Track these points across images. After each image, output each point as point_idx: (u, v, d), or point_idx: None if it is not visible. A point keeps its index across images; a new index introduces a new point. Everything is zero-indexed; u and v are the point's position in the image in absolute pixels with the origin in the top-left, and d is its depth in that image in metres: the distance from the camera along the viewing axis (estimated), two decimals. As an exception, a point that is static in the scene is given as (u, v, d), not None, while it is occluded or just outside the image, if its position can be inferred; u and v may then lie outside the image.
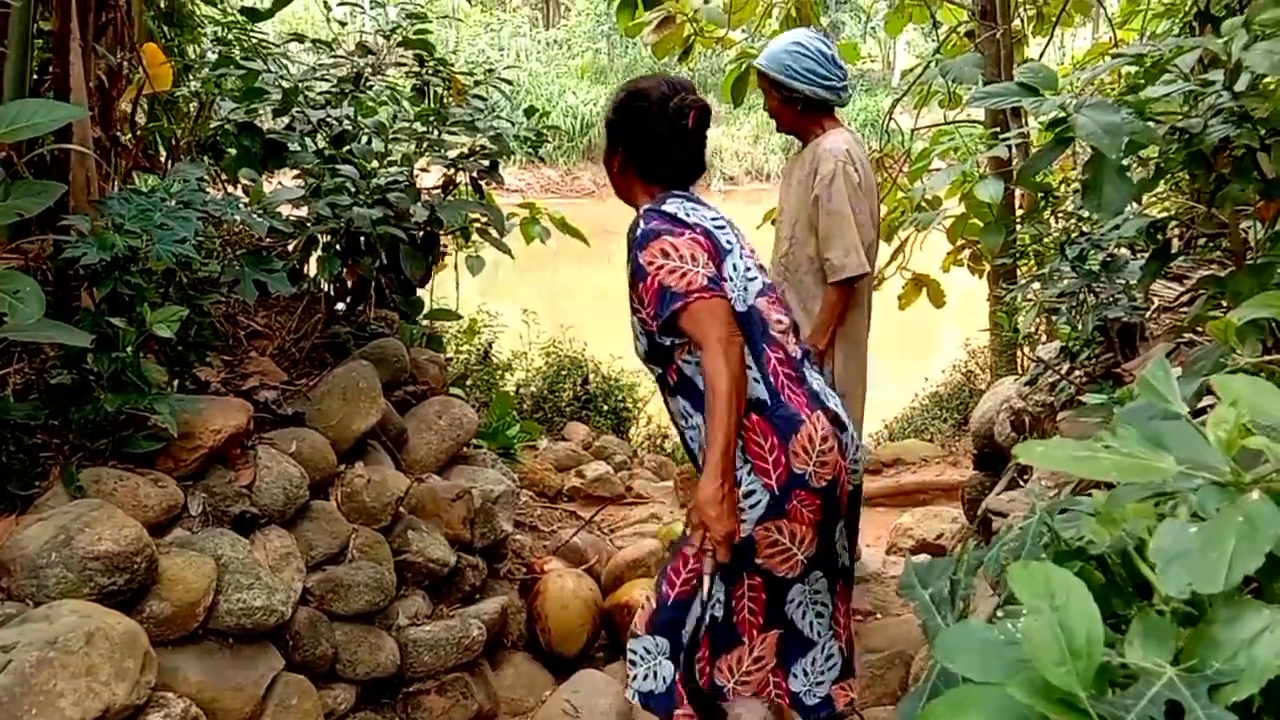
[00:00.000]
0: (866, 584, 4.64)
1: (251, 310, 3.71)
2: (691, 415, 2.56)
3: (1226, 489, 0.83)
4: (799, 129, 3.88)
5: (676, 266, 2.40)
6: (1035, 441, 0.94)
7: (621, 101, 2.62)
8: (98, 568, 2.50)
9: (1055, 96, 1.81)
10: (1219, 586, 0.74)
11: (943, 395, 8.39)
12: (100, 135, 3.34)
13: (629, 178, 2.65)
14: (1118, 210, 1.80)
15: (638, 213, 2.59)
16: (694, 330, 2.41)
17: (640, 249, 2.45)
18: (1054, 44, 6.62)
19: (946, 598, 1.14)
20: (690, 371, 2.52)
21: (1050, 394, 3.73)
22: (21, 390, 2.88)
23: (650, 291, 2.43)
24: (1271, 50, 1.65)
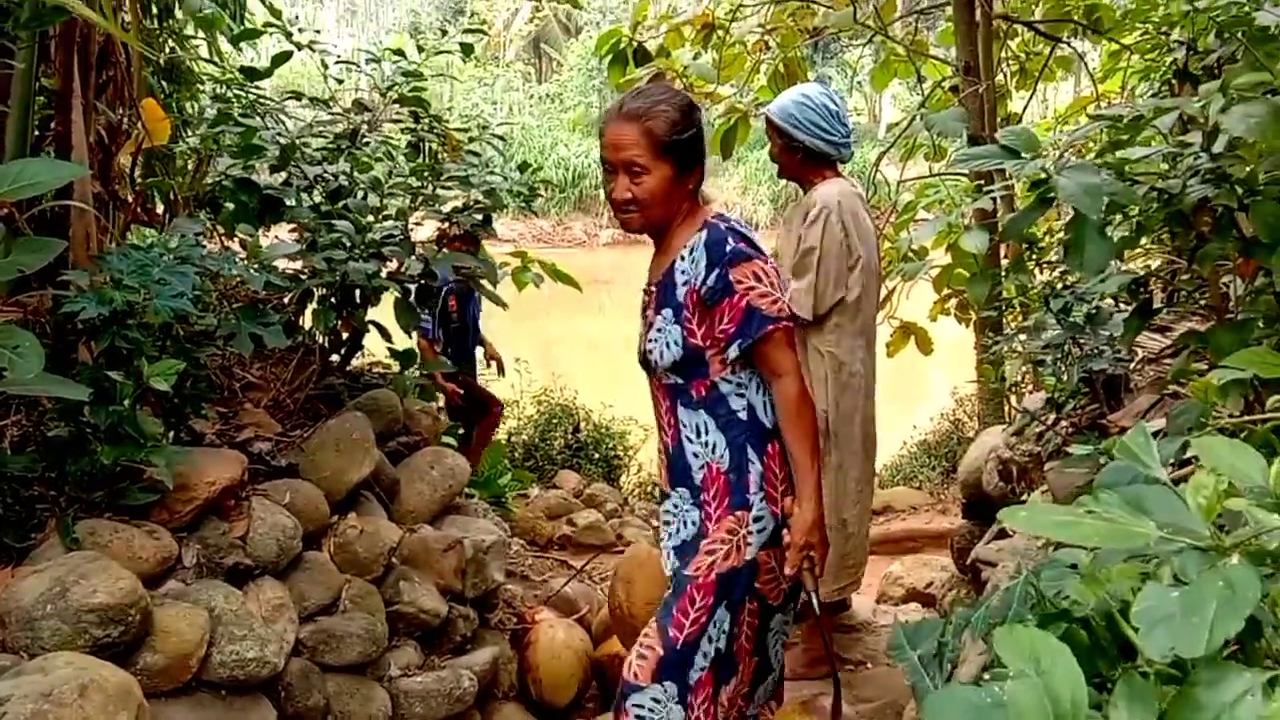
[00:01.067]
0: (857, 633, 4.65)
1: (247, 362, 3.75)
2: (707, 433, 2.53)
3: (1207, 554, 0.84)
4: (799, 176, 4.02)
5: (769, 292, 2.45)
6: (1019, 506, 0.97)
7: (689, 115, 2.50)
8: (92, 620, 2.51)
9: (1036, 158, 1.85)
10: (1201, 650, 0.75)
11: (931, 443, 8.44)
12: (100, 190, 3.39)
13: (681, 194, 2.55)
14: (1100, 269, 1.85)
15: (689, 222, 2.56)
16: (777, 355, 2.48)
17: (731, 265, 2.43)
18: (1036, 98, 6.72)
19: (934, 659, 1.16)
20: (727, 390, 2.52)
21: (1037, 444, 3.76)
22: (19, 442, 2.91)
23: (736, 309, 2.43)
24: (1248, 113, 1.70)
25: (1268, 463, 0.96)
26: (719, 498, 2.52)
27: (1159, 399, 3.08)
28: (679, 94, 2.54)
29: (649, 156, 2.44)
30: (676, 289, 2.51)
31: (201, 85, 4.31)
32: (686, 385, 2.54)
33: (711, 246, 2.46)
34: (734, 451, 2.52)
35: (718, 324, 2.45)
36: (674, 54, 6.53)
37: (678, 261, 2.51)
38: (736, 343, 2.45)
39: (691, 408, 2.55)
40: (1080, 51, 6.52)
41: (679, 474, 2.60)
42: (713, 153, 6.80)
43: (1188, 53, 2.62)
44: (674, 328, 2.51)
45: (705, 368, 2.51)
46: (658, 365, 2.55)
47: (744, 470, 2.51)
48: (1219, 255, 2.12)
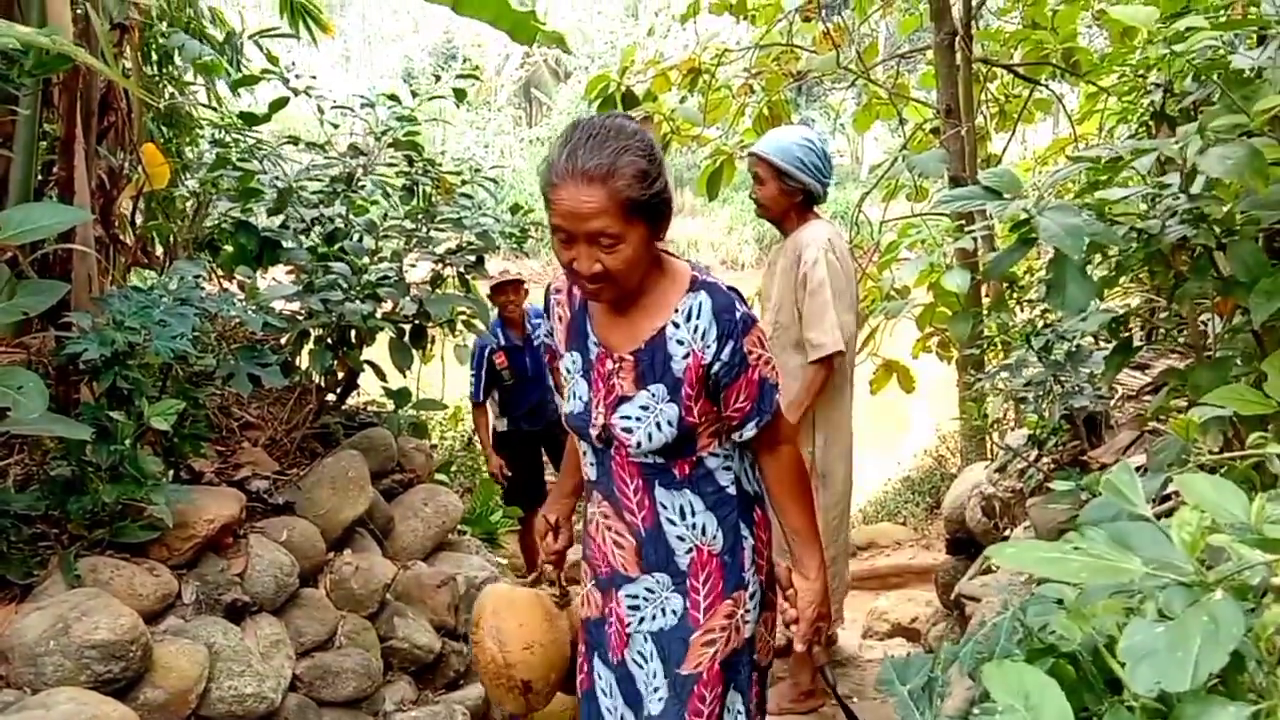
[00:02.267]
0: (843, 668, 4.69)
1: (245, 402, 3.80)
2: (693, 514, 2.23)
3: (1191, 589, 0.86)
4: (786, 218, 4.05)
5: (770, 358, 2.18)
6: (1006, 544, 1.00)
7: (655, 157, 2.04)
8: (94, 656, 2.55)
9: (1018, 199, 1.87)
10: (1186, 685, 0.77)
11: (915, 479, 8.48)
12: (101, 233, 3.45)
13: (654, 249, 2.15)
14: (1082, 308, 1.84)
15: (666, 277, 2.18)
16: (780, 424, 2.25)
17: (744, 335, 2.10)
18: (1016, 139, 6.84)
19: (924, 693, 1.17)
20: (714, 465, 2.23)
21: (1019, 480, 3.81)
22: (22, 481, 2.95)
23: (752, 385, 2.13)
24: (1224, 155, 1.72)
25: (1249, 499, 0.97)
26: (711, 582, 2.25)
27: (1139, 435, 3.12)
28: (638, 134, 2.03)
29: (620, 222, 1.98)
30: (673, 361, 2.12)
31: (200, 130, 4.38)
32: (668, 465, 2.21)
33: (720, 314, 2.10)
34: (727, 532, 2.25)
35: (732, 402, 2.14)
36: (661, 98, 6.65)
37: (669, 328, 2.12)
38: (753, 422, 2.18)
39: (674, 488, 2.22)
40: (1059, 93, 6.64)
41: (658, 559, 2.27)
42: (699, 194, 6.90)
43: (1164, 95, 2.67)
44: (669, 406, 2.14)
45: (693, 444, 2.19)
46: (638, 446, 2.17)
47: (738, 549, 2.27)
48: (1197, 294, 2.15)
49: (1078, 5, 5.70)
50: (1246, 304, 1.86)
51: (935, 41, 5.64)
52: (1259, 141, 1.73)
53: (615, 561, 2.33)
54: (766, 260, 4.42)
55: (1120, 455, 3.02)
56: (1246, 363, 2.05)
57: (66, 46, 2.57)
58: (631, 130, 2.02)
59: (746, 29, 7.17)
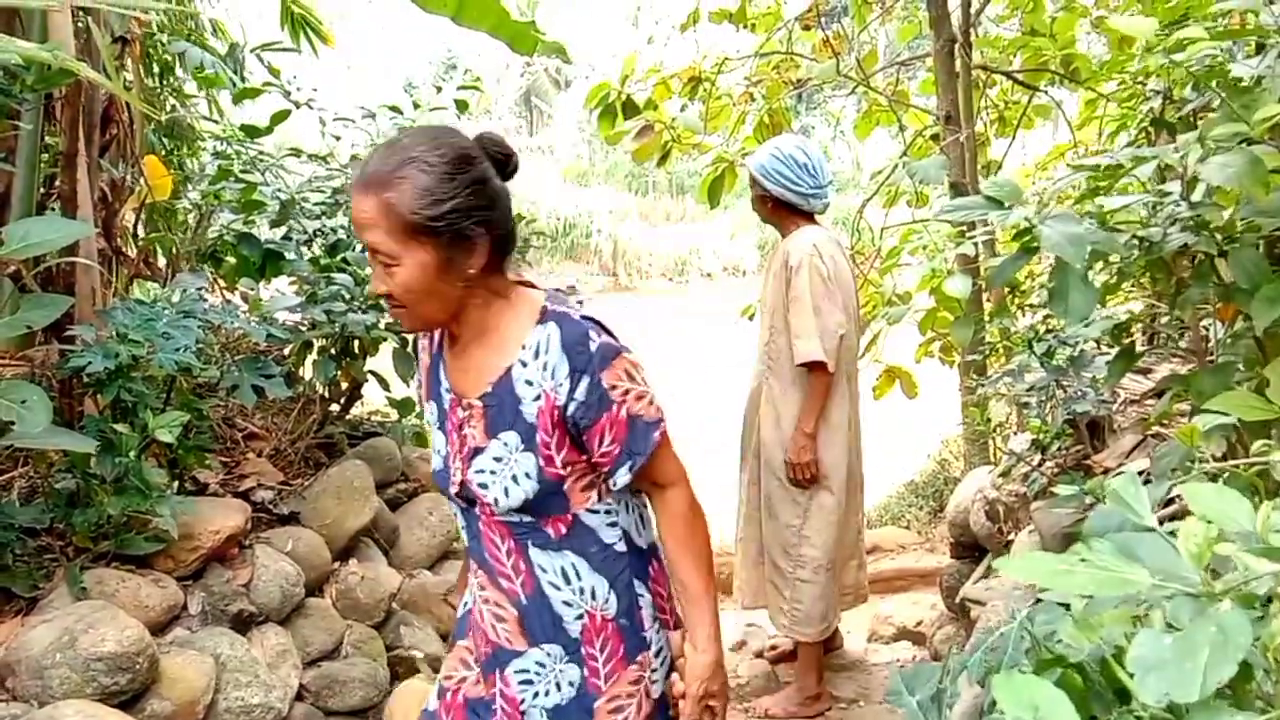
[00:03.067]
0: (849, 671, 4.69)
1: (249, 413, 3.82)
2: (579, 577, 1.95)
3: (1199, 600, 0.86)
4: (774, 224, 4.16)
5: (643, 392, 1.89)
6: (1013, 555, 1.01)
7: (451, 176, 1.77)
8: (101, 668, 2.56)
9: (1020, 209, 1.87)
10: (1195, 696, 0.76)
11: (918, 483, 8.49)
12: (104, 245, 3.47)
13: (461, 281, 1.83)
14: (1084, 316, 1.83)
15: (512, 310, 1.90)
16: (665, 464, 1.95)
17: (602, 368, 1.84)
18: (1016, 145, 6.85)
19: (933, 703, 1.16)
20: (594, 522, 1.94)
21: (1023, 484, 3.81)
22: (27, 494, 2.96)
23: (619, 425, 1.86)
24: (1225, 164, 1.72)
25: (1254, 507, 0.97)
26: (610, 649, 1.99)
27: (1142, 440, 3.12)
28: (442, 145, 1.79)
29: (395, 241, 1.76)
30: (522, 405, 1.86)
31: (202, 142, 4.40)
32: (538, 524, 1.93)
33: (572, 348, 1.84)
34: (621, 593, 1.98)
35: (597, 447, 1.87)
36: (661, 106, 6.67)
37: (516, 368, 1.87)
38: (625, 466, 1.89)
39: (551, 549, 1.95)
40: (1058, 99, 6.65)
41: (544, 629, 1.99)
42: (700, 201, 6.92)
43: (1164, 101, 2.68)
44: (524, 456, 1.87)
45: (564, 500, 1.91)
46: (497, 505, 1.91)
47: (635, 609, 2.00)
48: (1199, 300, 2.15)
49: (1076, 12, 5.71)
50: (1248, 310, 1.86)
51: (934, 49, 5.65)
52: (1259, 149, 1.73)
53: (498, 637, 2.04)
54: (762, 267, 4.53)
55: (1123, 459, 3.02)
56: (1249, 368, 2.05)
57: (68, 62, 2.57)
58: (438, 144, 1.78)
59: (746, 37, 7.19)
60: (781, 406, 4.02)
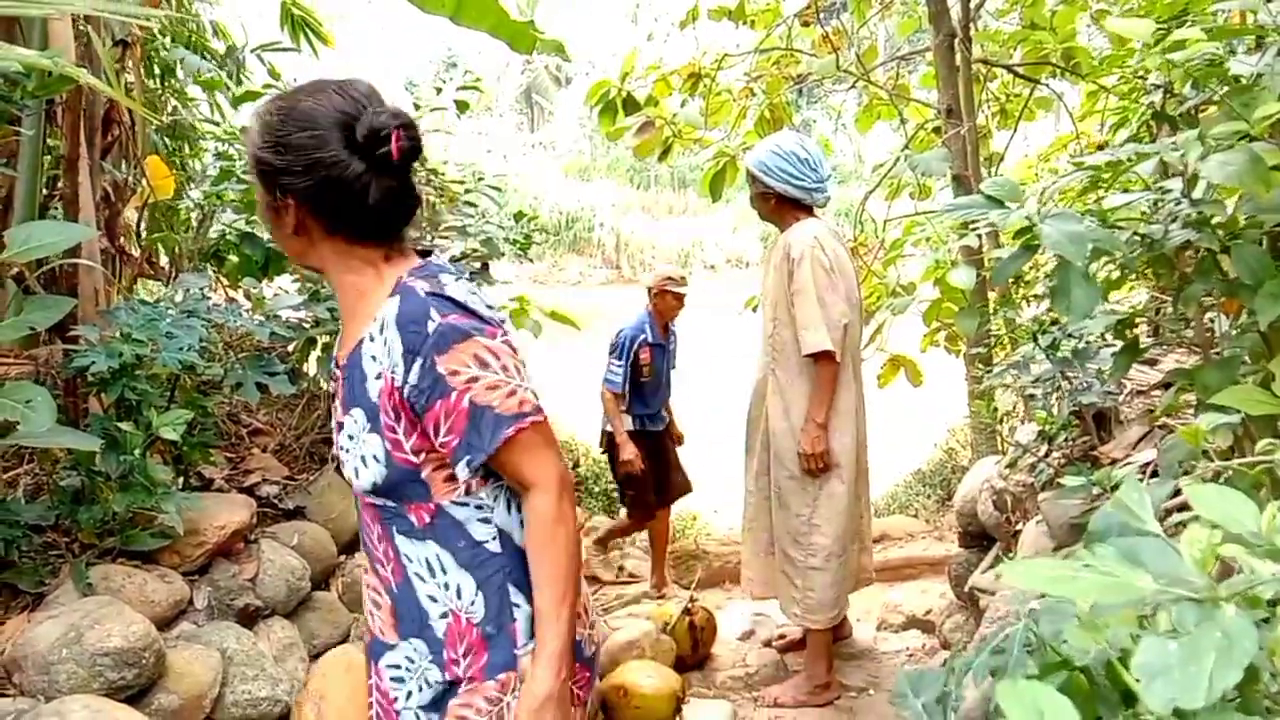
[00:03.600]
0: (858, 660, 4.71)
1: (253, 409, 3.83)
2: (444, 571, 1.80)
3: (1203, 605, 0.85)
4: (775, 220, 4.17)
5: (499, 381, 1.71)
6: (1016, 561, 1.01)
7: (279, 126, 1.73)
8: (107, 663, 2.57)
9: (1020, 208, 1.86)
10: (1201, 702, 0.76)
11: (926, 472, 8.51)
12: (106, 245, 3.48)
13: (312, 240, 1.79)
14: (1086, 313, 1.81)
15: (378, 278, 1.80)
16: (523, 463, 1.74)
17: (439, 351, 1.69)
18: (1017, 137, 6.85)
19: (938, 706, 1.16)
20: (463, 515, 1.78)
21: (1030, 474, 3.81)
22: (33, 491, 2.98)
23: (458, 414, 1.70)
24: (1225, 162, 1.72)
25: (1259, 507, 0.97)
26: (472, 656, 1.81)
27: (1149, 431, 3.12)
28: (286, 100, 1.77)
29: (252, 172, 1.81)
30: (367, 382, 1.75)
31: (204, 143, 4.41)
32: (401, 509, 1.81)
33: (405, 326, 1.70)
34: (490, 597, 1.80)
35: (435, 435, 1.73)
36: (662, 102, 6.67)
37: (365, 342, 1.76)
38: (464, 460, 1.72)
39: (415, 538, 1.81)
40: (1059, 91, 6.65)
41: (410, 622, 1.85)
42: (702, 194, 6.93)
43: (1164, 95, 2.67)
44: (371, 438, 1.76)
45: (425, 488, 1.77)
46: (354, 484, 1.83)
47: (506, 619, 1.80)
48: (1202, 295, 2.13)
49: (1076, 6, 5.71)
50: (1252, 306, 1.86)
51: (934, 43, 5.65)
52: (1260, 147, 1.73)
53: (375, 625, 1.93)
54: (763, 260, 4.46)
55: (1130, 451, 3.03)
56: (1254, 361, 2.05)
57: (68, 69, 2.58)
58: (287, 99, 1.77)
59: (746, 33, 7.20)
60: (789, 397, 4.06)
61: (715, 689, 4.51)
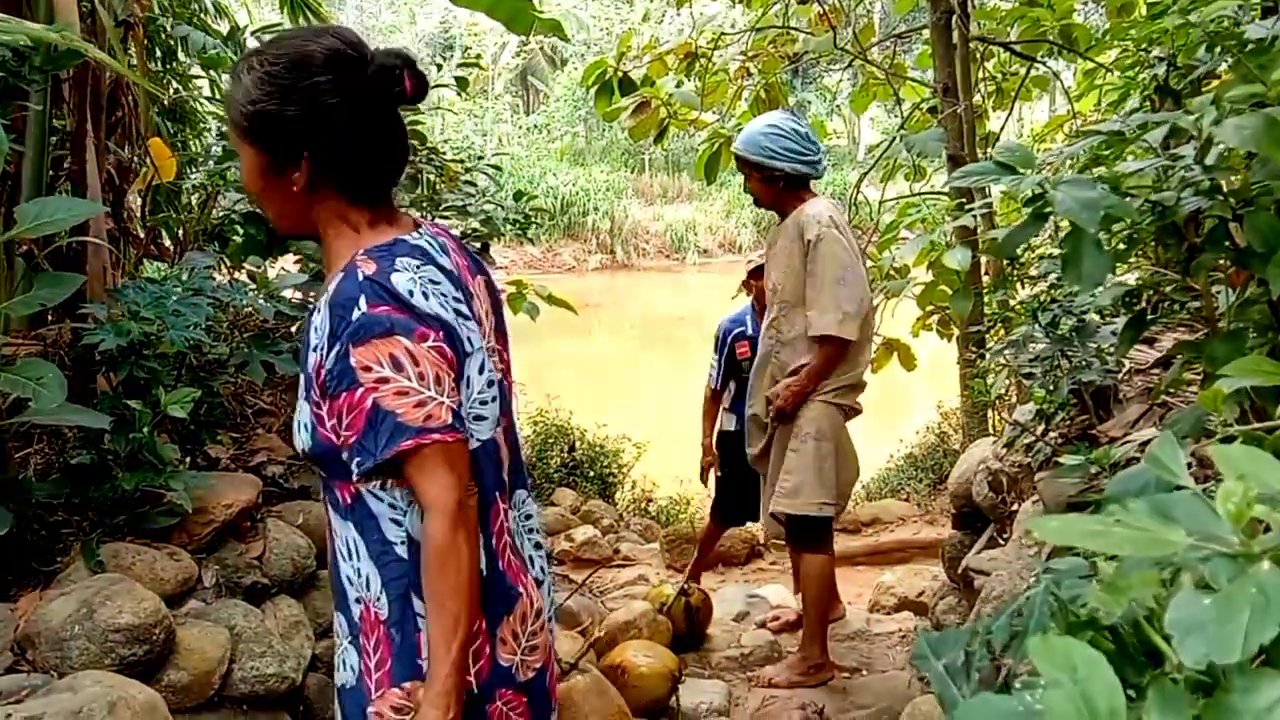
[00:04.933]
0: (851, 641, 4.75)
1: (259, 389, 3.84)
2: (358, 558, 1.74)
3: (1237, 560, 0.84)
4: (779, 205, 4.07)
5: (410, 388, 1.61)
6: (1049, 517, 0.99)
7: (278, 77, 1.65)
8: (118, 639, 2.58)
9: (1031, 175, 1.82)
10: (1236, 657, 0.75)
11: (917, 456, 8.56)
12: (111, 226, 3.48)
13: (315, 199, 1.73)
14: (1097, 282, 1.77)
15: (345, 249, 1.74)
16: (422, 482, 1.63)
17: (355, 342, 1.61)
18: (1014, 116, 6.86)
19: (961, 669, 1.14)
20: (377, 508, 1.71)
21: (1026, 455, 3.83)
22: (43, 470, 2.99)
23: (358, 412, 1.62)
24: (1241, 125, 1.69)
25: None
26: (379, 653, 1.74)
27: (1147, 409, 3.13)
28: (286, 46, 1.69)
29: (233, 134, 1.72)
30: (308, 350, 1.72)
31: (205, 124, 4.40)
32: (330, 483, 1.77)
33: (335, 307, 1.65)
34: (394, 601, 1.72)
35: (338, 424, 1.66)
36: (658, 82, 6.67)
37: (315, 313, 1.72)
38: (355, 461, 1.65)
39: (339, 515, 1.77)
40: (1055, 70, 6.66)
41: (337, 593, 1.82)
42: (696, 177, 6.94)
43: (1168, 68, 2.67)
44: (304, 405, 1.74)
45: (346, 470, 1.69)
46: (303, 453, 1.78)
47: (410, 628, 1.72)
48: (1212, 265, 2.13)
49: (1074, -19, 5.72)
50: (1264, 275, 1.83)
51: (931, 21, 5.66)
52: (1276, 111, 1.71)
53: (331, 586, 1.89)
54: (766, 242, 4.43)
55: (1129, 429, 3.04)
56: (1262, 334, 2.03)
57: (76, 42, 2.59)
58: (286, 44, 1.69)
59: (741, 12, 7.20)
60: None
61: (711, 669, 4.55)
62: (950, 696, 1.13)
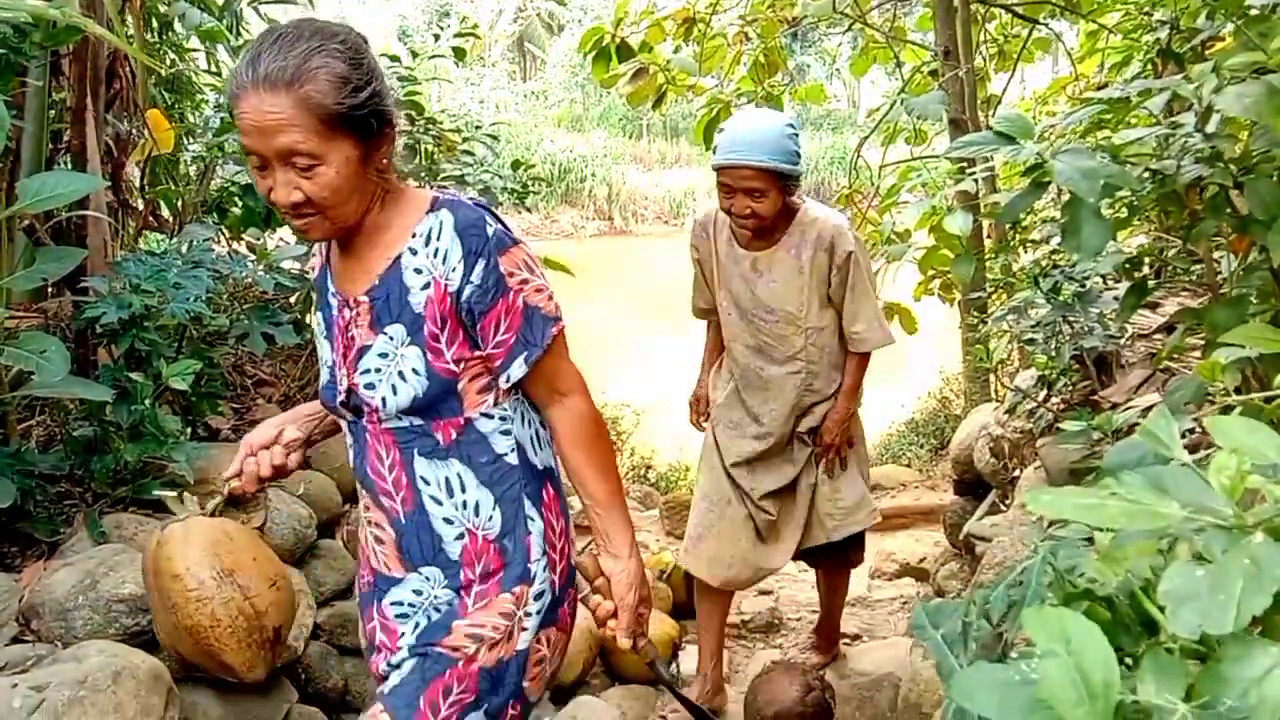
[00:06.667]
0: (853, 608, 4.76)
1: (258, 360, 3.84)
2: (463, 490, 1.83)
3: (1231, 532, 0.85)
4: (780, 219, 3.40)
5: (542, 285, 1.81)
6: (1042, 489, 0.99)
7: (360, 59, 1.70)
8: (122, 609, 2.61)
9: (1030, 144, 1.81)
10: (1229, 627, 0.76)
11: (919, 422, 8.56)
12: (111, 199, 3.48)
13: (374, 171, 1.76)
14: (1097, 250, 1.77)
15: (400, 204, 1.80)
16: (562, 367, 1.86)
17: (500, 252, 1.74)
18: (1015, 79, 6.81)
19: (959, 638, 1.15)
20: (488, 428, 1.83)
21: (1028, 421, 3.84)
22: (46, 442, 3.00)
23: (514, 313, 1.77)
24: (1241, 94, 1.69)
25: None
26: (489, 573, 1.84)
27: (1150, 375, 3.13)
28: (339, 35, 1.70)
29: (318, 137, 1.64)
30: (410, 295, 1.76)
31: (203, 95, 4.38)
32: (427, 428, 1.81)
33: (466, 231, 1.74)
34: (507, 510, 1.85)
35: (491, 336, 1.77)
36: (656, 48, 6.63)
37: (405, 256, 1.77)
38: (521, 357, 1.78)
39: (437, 458, 1.82)
40: (1058, 32, 6.61)
41: (422, 551, 1.86)
42: (695, 143, 6.91)
43: (1171, 32, 2.65)
44: (410, 350, 1.77)
45: (459, 402, 1.80)
46: (384, 406, 1.80)
47: (522, 533, 1.86)
48: (1213, 233, 2.12)
49: (1077, -58, 5.66)
50: (1265, 242, 1.83)
51: (933, -17, 5.61)
52: (1276, 79, 1.70)
53: (379, 562, 1.93)
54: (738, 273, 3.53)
55: (1131, 395, 3.04)
56: (1263, 300, 2.04)
57: (75, 18, 2.58)
58: (332, 31, 1.69)
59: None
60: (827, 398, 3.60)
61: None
62: (948, 666, 1.14)
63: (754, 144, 3.20)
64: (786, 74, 7.20)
